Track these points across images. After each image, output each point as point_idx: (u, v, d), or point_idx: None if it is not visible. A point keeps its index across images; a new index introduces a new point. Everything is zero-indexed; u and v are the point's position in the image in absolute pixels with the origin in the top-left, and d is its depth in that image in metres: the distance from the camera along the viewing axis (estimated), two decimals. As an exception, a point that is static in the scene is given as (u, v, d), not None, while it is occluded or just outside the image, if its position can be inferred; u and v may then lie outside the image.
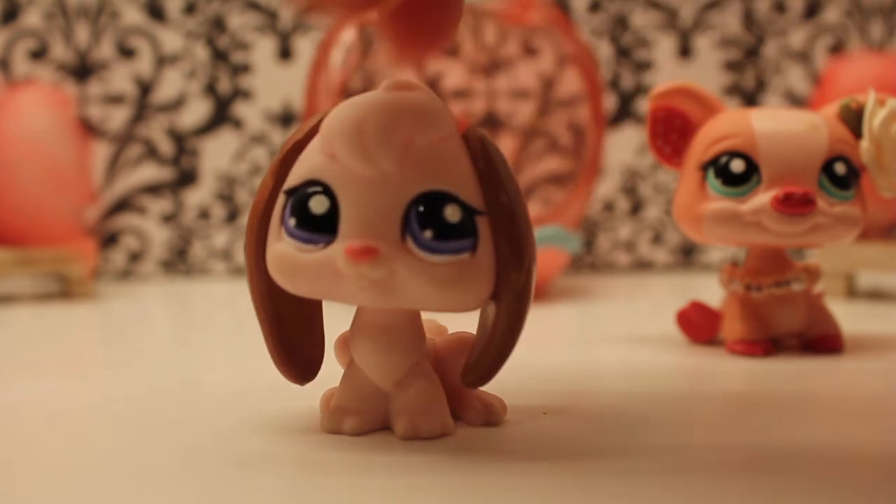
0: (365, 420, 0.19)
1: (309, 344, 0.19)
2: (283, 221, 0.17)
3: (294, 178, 0.17)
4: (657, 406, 0.22)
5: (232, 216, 0.65)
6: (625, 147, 0.66)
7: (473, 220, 0.17)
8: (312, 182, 0.17)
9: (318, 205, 0.17)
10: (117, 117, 0.64)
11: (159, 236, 0.65)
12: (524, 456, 0.17)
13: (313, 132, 0.18)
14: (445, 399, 0.19)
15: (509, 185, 0.17)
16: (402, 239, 0.17)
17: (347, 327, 0.19)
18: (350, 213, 0.17)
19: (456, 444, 0.18)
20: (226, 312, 0.47)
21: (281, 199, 0.18)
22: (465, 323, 0.20)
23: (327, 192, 0.17)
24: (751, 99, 0.67)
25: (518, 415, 0.20)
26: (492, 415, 0.19)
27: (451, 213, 0.17)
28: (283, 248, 0.17)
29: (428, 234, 0.16)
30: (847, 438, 0.19)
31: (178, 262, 0.65)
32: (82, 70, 0.64)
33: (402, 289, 0.16)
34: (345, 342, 0.20)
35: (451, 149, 0.17)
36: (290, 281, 0.17)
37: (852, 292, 0.46)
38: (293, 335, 0.19)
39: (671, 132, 0.29)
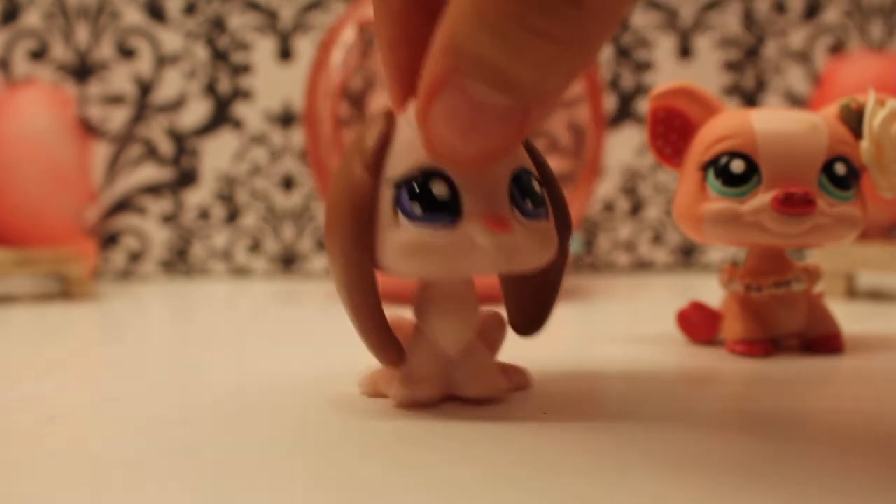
0: (436, 387, 0.21)
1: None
2: (399, 210, 0.19)
3: (401, 168, 0.19)
4: (657, 406, 0.22)
5: (232, 216, 0.66)
6: (625, 147, 0.66)
7: (543, 192, 0.20)
8: (427, 170, 0.19)
9: (439, 190, 0.19)
10: (117, 117, 0.64)
11: (159, 236, 0.65)
12: (525, 455, 0.17)
13: (391, 127, 0.19)
14: (493, 364, 0.22)
15: (546, 162, 0.21)
16: (511, 210, 0.19)
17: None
18: (471, 194, 0.19)
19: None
20: (226, 312, 0.47)
21: (389, 190, 0.19)
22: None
23: (443, 178, 0.19)
24: (751, 99, 0.67)
25: (518, 415, 0.20)
26: (524, 379, 0.23)
27: (536, 185, 0.20)
28: (410, 235, 0.19)
29: (529, 203, 0.19)
30: (847, 438, 0.19)
31: (178, 262, 0.65)
32: (82, 70, 0.64)
33: (521, 251, 0.19)
34: (394, 326, 0.21)
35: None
36: (422, 263, 0.19)
37: (852, 292, 0.46)
38: (387, 321, 0.21)
39: (671, 132, 0.29)
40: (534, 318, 0.22)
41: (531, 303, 0.22)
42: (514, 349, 0.23)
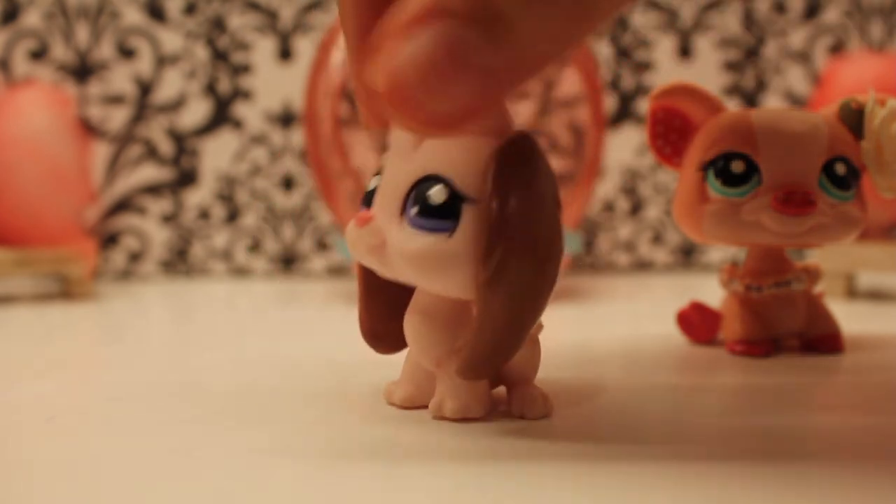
0: (412, 394, 0.21)
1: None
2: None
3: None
4: (657, 406, 0.22)
5: (232, 216, 0.65)
6: (625, 147, 0.66)
7: (459, 206, 0.17)
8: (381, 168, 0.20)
9: (372, 183, 0.19)
10: (117, 117, 0.64)
11: (159, 236, 0.65)
12: (525, 454, 0.17)
13: None
14: (482, 385, 0.20)
15: (525, 181, 0.17)
16: (400, 215, 0.18)
17: None
18: (379, 189, 0.19)
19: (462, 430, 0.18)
20: (226, 313, 0.47)
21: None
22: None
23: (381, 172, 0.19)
24: (751, 99, 0.67)
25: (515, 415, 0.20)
26: (529, 408, 0.20)
27: (437, 195, 0.18)
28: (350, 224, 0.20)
29: (413, 210, 0.18)
30: (847, 438, 0.19)
31: (178, 262, 0.65)
32: (82, 70, 0.64)
33: (391, 261, 0.18)
34: None
35: (474, 142, 0.18)
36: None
37: (852, 292, 0.46)
38: (381, 310, 0.21)
39: (671, 132, 0.29)
40: (464, 358, 0.18)
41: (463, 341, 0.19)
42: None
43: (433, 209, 0.17)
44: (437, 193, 0.17)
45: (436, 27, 0.15)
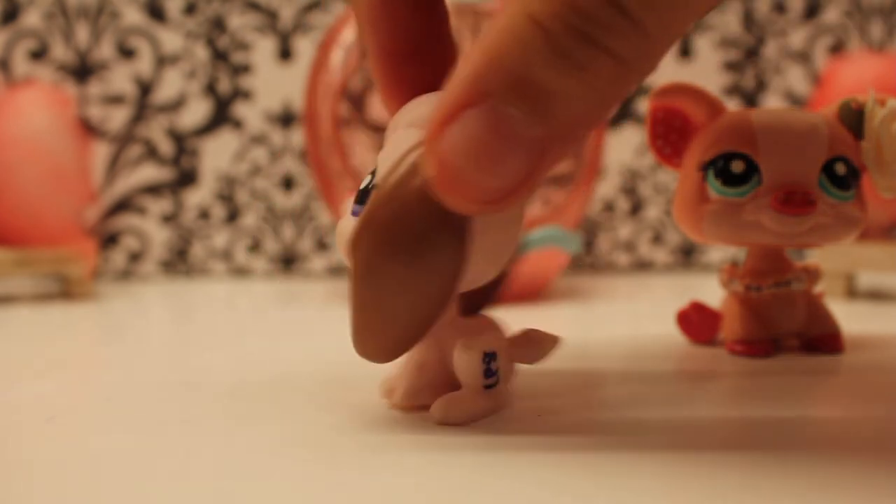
0: (399, 394, 0.21)
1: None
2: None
3: None
4: (657, 406, 0.22)
5: (232, 216, 0.66)
6: (625, 147, 0.66)
7: None
8: None
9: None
10: (117, 117, 0.64)
11: (159, 236, 0.65)
12: (525, 453, 0.17)
13: None
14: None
15: None
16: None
17: None
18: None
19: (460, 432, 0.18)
20: (226, 312, 0.47)
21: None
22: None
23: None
24: (751, 99, 0.67)
25: (516, 415, 0.20)
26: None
27: None
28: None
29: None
30: (847, 438, 0.19)
31: (178, 262, 0.65)
32: (82, 70, 0.64)
33: None
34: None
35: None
36: None
37: (852, 292, 0.46)
38: None
39: (671, 132, 0.29)
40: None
41: None
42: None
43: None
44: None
45: (479, 108, 0.15)
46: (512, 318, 0.21)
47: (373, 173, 0.19)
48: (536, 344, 0.21)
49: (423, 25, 0.19)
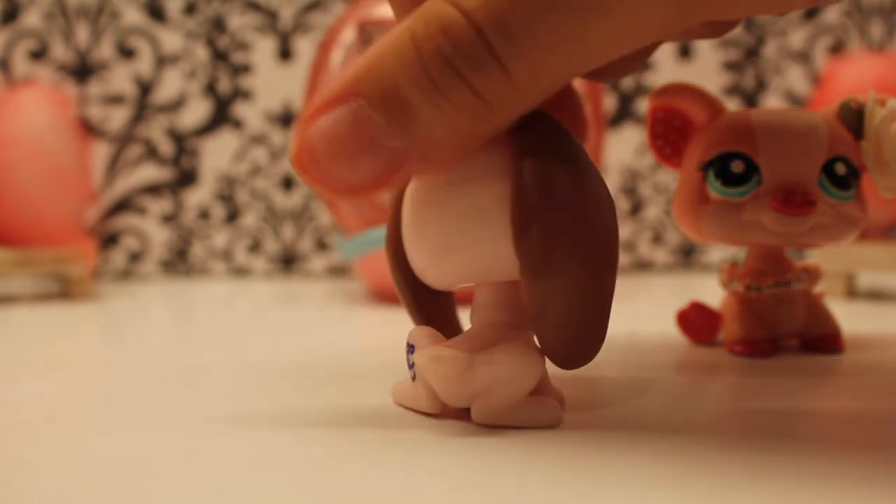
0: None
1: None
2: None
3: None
4: (657, 406, 0.22)
5: (232, 216, 0.66)
6: (625, 147, 0.66)
7: None
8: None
9: None
10: (117, 117, 0.64)
11: (159, 237, 0.65)
12: (525, 453, 0.17)
13: None
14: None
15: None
16: None
17: None
18: None
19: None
20: (226, 312, 0.47)
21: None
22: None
23: None
24: (751, 99, 0.67)
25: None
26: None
27: None
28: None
29: None
30: (847, 438, 0.19)
31: (178, 262, 0.65)
32: (82, 70, 0.64)
33: None
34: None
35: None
36: None
37: (852, 292, 0.46)
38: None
39: (671, 132, 0.29)
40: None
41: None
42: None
43: None
44: None
45: (349, 106, 0.16)
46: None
47: None
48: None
49: None
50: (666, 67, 0.66)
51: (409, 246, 0.19)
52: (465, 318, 0.22)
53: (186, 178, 0.65)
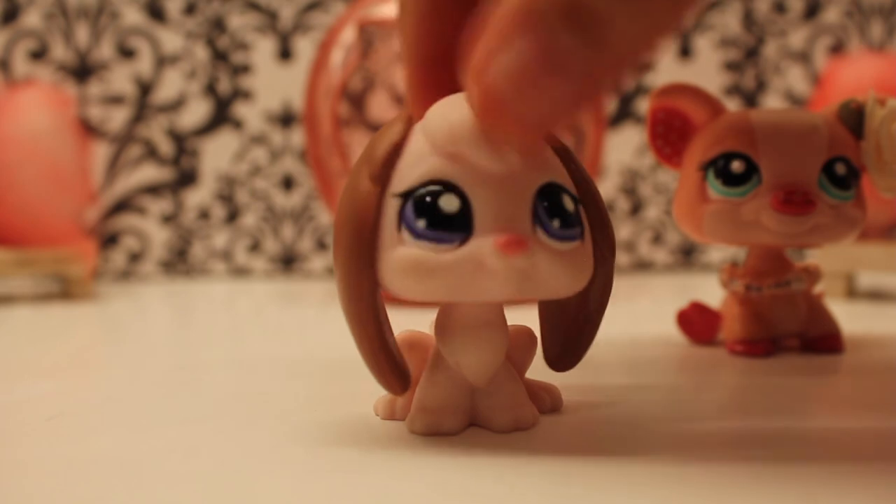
0: (461, 418, 0.19)
1: (399, 355, 0.19)
2: (403, 225, 0.17)
3: (408, 180, 0.17)
4: (657, 406, 0.22)
5: (232, 216, 0.66)
6: (625, 147, 0.66)
7: (578, 209, 0.18)
8: (436, 182, 0.17)
9: (448, 204, 0.17)
10: (117, 118, 0.64)
11: (159, 237, 0.65)
12: (525, 454, 0.17)
13: (406, 134, 0.18)
14: (524, 392, 0.20)
15: (585, 175, 0.19)
16: (533, 229, 0.17)
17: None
18: (485, 209, 0.17)
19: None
20: (226, 313, 0.47)
21: (394, 203, 0.17)
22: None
23: (454, 190, 0.17)
24: (751, 99, 0.67)
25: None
26: (557, 400, 0.21)
27: (568, 203, 0.17)
28: (412, 252, 0.17)
29: (556, 223, 0.17)
30: (847, 439, 0.19)
31: (178, 262, 0.65)
32: (82, 70, 0.64)
33: (537, 277, 0.17)
34: (412, 343, 0.20)
35: (545, 145, 0.18)
36: (422, 283, 0.17)
37: (852, 292, 0.46)
38: (391, 345, 0.19)
39: (671, 132, 0.29)
40: (566, 352, 0.20)
41: (565, 334, 0.20)
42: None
43: (570, 218, 0.17)
44: (567, 202, 0.17)
45: (531, 35, 0.14)
46: (514, 318, 0.21)
47: (455, 191, 0.17)
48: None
49: (464, 30, 0.18)
50: (666, 67, 0.66)
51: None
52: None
53: (186, 179, 0.65)
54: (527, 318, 0.21)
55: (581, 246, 0.17)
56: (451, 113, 0.17)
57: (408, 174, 0.17)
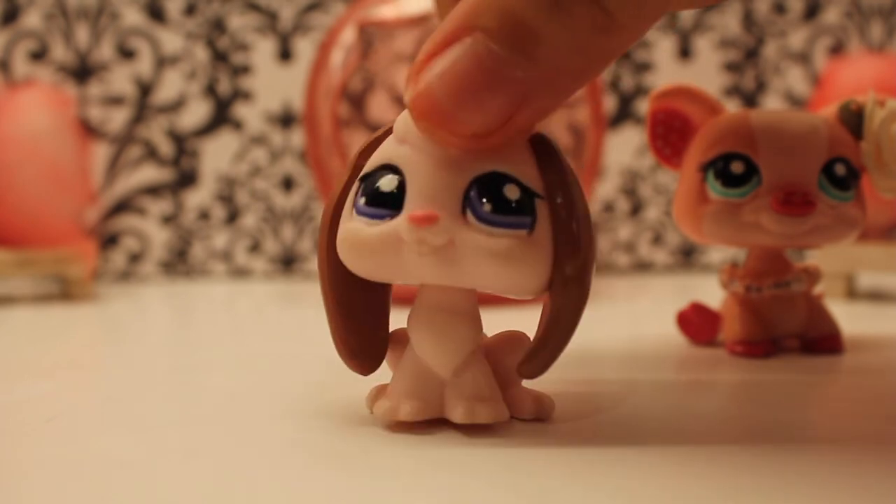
0: (420, 406, 0.19)
1: (374, 335, 0.20)
2: (354, 204, 0.18)
3: (368, 166, 0.18)
4: (657, 406, 0.22)
5: (232, 217, 0.66)
6: (625, 148, 0.66)
7: (532, 202, 0.17)
8: (384, 166, 0.18)
9: (387, 183, 0.18)
10: (117, 118, 0.64)
11: (159, 237, 0.65)
12: (525, 454, 0.17)
13: (389, 131, 0.19)
14: (499, 388, 0.19)
15: (568, 176, 0.18)
16: (462, 213, 0.17)
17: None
18: (415, 188, 0.17)
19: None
20: (226, 314, 0.47)
21: (355, 186, 0.18)
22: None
23: (397, 172, 0.18)
24: (751, 100, 0.67)
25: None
26: (542, 409, 0.20)
27: (510, 191, 0.17)
28: (351, 225, 0.18)
29: (487, 206, 0.17)
30: (847, 439, 0.19)
31: (178, 263, 0.65)
32: (82, 71, 0.64)
33: (461, 262, 0.17)
34: (395, 338, 0.20)
35: (514, 139, 0.18)
36: (355, 256, 0.18)
37: (852, 293, 0.46)
38: (359, 325, 0.19)
39: (671, 133, 0.29)
40: (530, 358, 0.18)
41: (534, 341, 0.19)
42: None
43: (510, 205, 0.17)
44: (511, 190, 0.17)
45: (466, 42, 0.15)
46: (516, 318, 0.21)
47: (382, 174, 0.18)
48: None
49: None
50: (666, 68, 0.66)
51: None
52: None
53: (186, 179, 0.65)
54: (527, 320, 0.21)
55: (527, 238, 0.17)
56: None
57: (372, 160, 0.18)
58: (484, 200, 0.17)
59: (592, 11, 0.15)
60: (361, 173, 0.18)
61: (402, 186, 0.17)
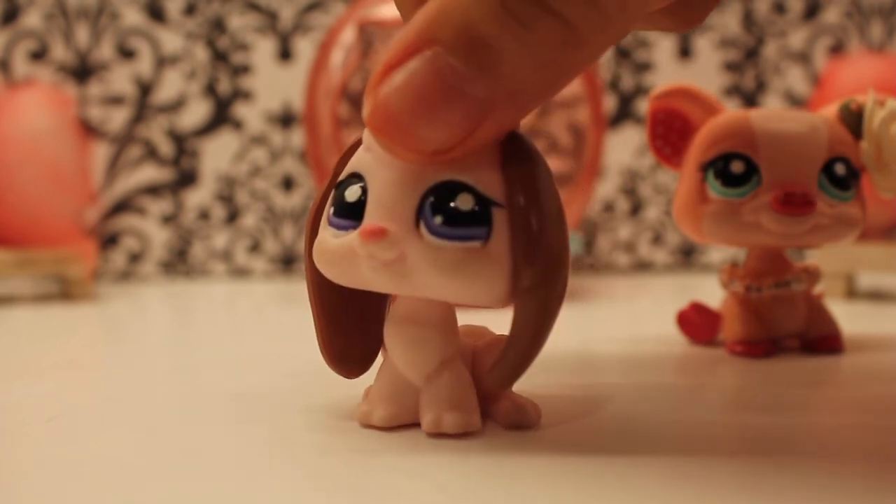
0: (394, 412, 0.19)
1: (361, 339, 0.20)
2: (327, 213, 0.18)
3: (343, 173, 0.18)
4: (657, 406, 0.22)
5: (232, 217, 0.66)
6: (625, 148, 0.66)
7: (489, 211, 0.17)
8: (352, 174, 0.18)
9: (351, 194, 0.18)
10: (117, 118, 0.64)
11: (159, 237, 0.65)
12: (525, 455, 0.17)
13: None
14: (475, 396, 0.19)
15: (536, 180, 0.17)
16: (415, 225, 0.17)
17: None
18: (374, 198, 0.17)
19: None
20: (226, 314, 0.47)
21: (333, 193, 0.19)
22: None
23: (362, 180, 0.18)
24: (751, 100, 0.67)
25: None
26: (523, 417, 0.19)
27: (463, 201, 0.17)
28: (322, 235, 0.18)
29: (438, 219, 0.16)
30: (847, 439, 0.19)
31: (178, 263, 0.65)
32: (82, 71, 0.64)
33: (413, 273, 0.17)
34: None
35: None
36: (323, 265, 0.18)
37: (852, 293, 0.46)
38: (346, 328, 0.19)
39: (671, 133, 0.29)
40: (496, 370, 0.18)
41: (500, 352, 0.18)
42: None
43: (461, 217, 0.16)
44: (463, 200, 0.16)
45: (425, 55, 0.15)
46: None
47: (349, 186, 0.18)
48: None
49: None
50: (666, 68, 0.66)
51: None
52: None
53: (186, 179, 0.65)
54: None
55: (480, 250, 0.16)
56: None
57: (346, 168, 0.18)
58: (435, 213, 0.16)
59: (555, 26, 0.15)
60: (337, 180, 0.18)
61: (366, 195, 0.17)
